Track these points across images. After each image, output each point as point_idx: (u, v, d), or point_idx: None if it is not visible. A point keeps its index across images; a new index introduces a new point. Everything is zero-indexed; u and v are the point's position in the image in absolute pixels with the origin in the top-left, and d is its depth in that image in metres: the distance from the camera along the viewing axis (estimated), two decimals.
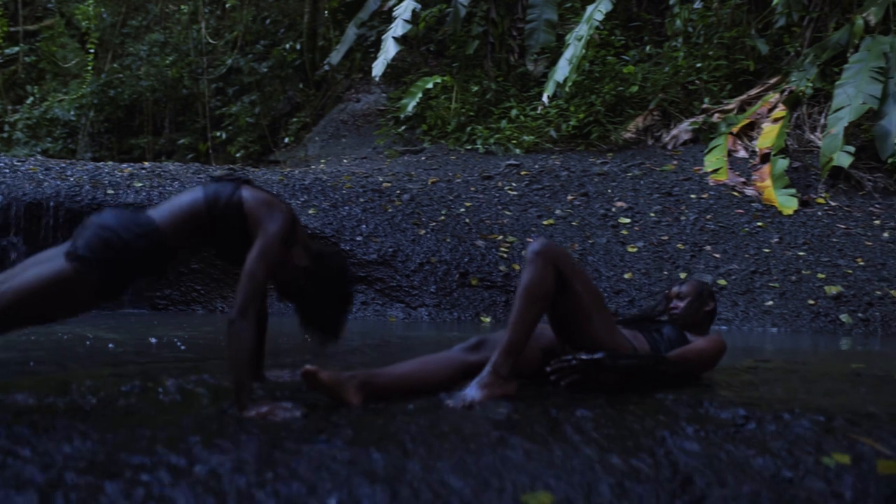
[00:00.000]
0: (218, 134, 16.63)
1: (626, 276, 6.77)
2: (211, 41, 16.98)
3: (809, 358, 4.34)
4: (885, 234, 7.24)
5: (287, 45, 15.93)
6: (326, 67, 15.06)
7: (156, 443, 2.35)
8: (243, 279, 2.74)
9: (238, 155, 15.92)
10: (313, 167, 11.02)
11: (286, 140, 15.55)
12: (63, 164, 8.11)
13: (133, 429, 2.47)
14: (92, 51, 18.65)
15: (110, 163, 9.14)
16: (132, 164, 8.93)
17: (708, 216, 7.72)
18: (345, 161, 11.47)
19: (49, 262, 2.58)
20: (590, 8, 10.15)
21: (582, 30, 9.91)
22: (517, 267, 6.81)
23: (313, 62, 15.69)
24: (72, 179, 6.98)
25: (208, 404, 2.81)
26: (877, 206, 7.91)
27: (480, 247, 6.96)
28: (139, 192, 7.01)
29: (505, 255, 6.90)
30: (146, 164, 9.10)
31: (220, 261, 3.03)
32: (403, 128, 11.80)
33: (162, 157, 17.57)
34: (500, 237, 7.17)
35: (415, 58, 12.93)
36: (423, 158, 10.76)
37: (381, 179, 8.77)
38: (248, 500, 2.15)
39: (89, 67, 18.57)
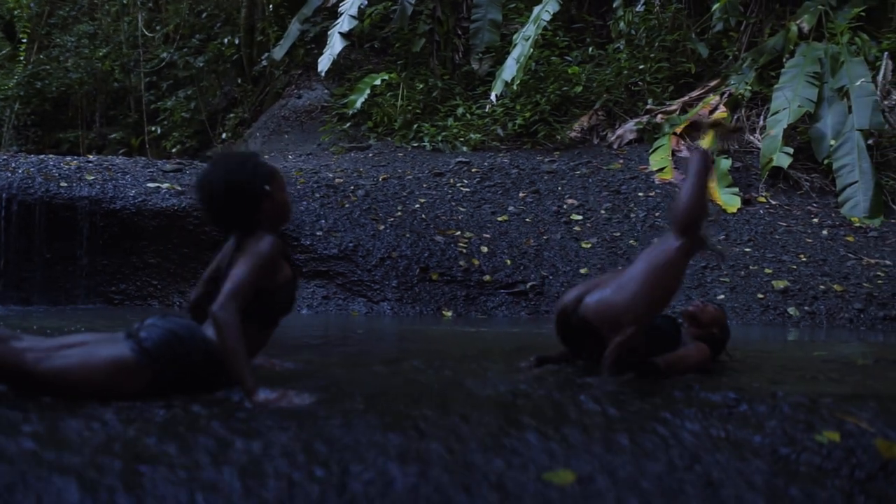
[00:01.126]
0: (153, 129, 16.29)
1: (582, 271, 6.93)
2: (147, 33, 16.61)
3: (773, 347, 4.55)
4: (824, 232, 7.59)
5: (225, 40, 15.70)
6: (265, 63, 14.91)
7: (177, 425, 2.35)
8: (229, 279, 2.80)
9: (174, 150, 15.64)
10: None
11: (223, 136, 15.33)
12: (5, 157, 7.88)
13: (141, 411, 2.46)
14: (24, 40, 18.03)
15: (52, 155, 8.89)
16: (76, 157, 8.71)
17: (657, 213, 7.96)
18: (290, 157, 11.39)
19: (110, 343, 2.67)
20: (536, 8, 10.33)
21: (529, 30, 10.08)
22: (476, 262, 6.91)
23: (251, 57, 15.50)
24: (20, 172, 6.79)
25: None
26: (814, 204, 8.28)
27: (439, 242, 7.03)
28: (92, 185, 6.86)
29: (464, 251, 6.99)
30: (91, 157, 8.88)
31: None
32: (349, 124, 11.78)
33: (92, 151, 17.10)
34: (458, 233, 7.25)
35: (358, 55, 12.91)
36: (371, 155, 10.77)
37: (331, 175, 8.76)
38: (287, 480, 2.18)
39: (20, 58, 17.96)
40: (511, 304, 6.65)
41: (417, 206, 7.85)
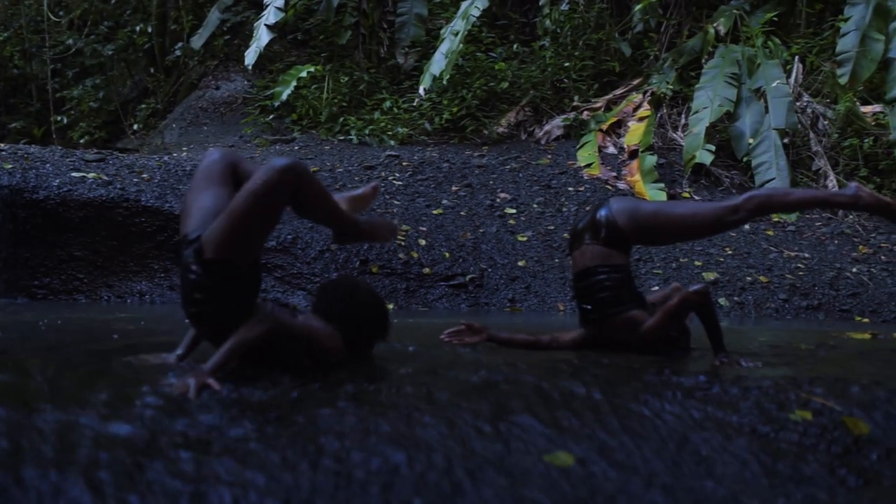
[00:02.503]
0: (58, 118, 15.61)
1: (520, 263, 7.02)
2: (54, 17, 15.91)
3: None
4: (746, 227, 7.89)
5: (136, 28, 15.19)
6: (179, 52, 14.50)
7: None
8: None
9: (82, 141, 15.03)
10: (176, 155, 10.60)
11: (135, 127, 14.84)
12: None
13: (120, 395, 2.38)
14: None
15: None
16: None
17: (587, 208, 8.11)
18: (211, 149, 11.09)
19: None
20: (464, 4, 10.37)
21: (458, 25, 10.11)
22: (415, 255, 6.90)
23: (163, 46, 15.04)
24: None
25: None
26: None
27: None
28: (12, 173, 6.54)
29: (402, 243, 6.97)
30: (2, 144, 8.46)
31: None
32: (272, 117, 11.57)
33: None
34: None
35: (280, 46, 12.69)
36: (296, 148, 10.61)
37: None
38: (290, 469, 2.13)
39: None
40: (451, 297, 6.67)
41: None
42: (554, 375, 3.03)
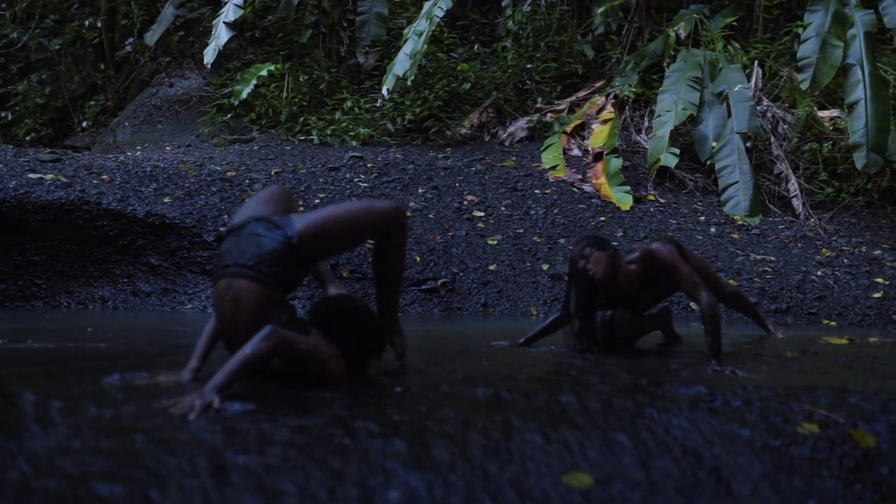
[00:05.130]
0: (2, 115, 15.10)
1: (492, 267, 6.96)
2: None
3: (701, 341, 4.69)
4: (713, 230, 7.96)
5: (85, 22, 14.75)
6: (129, 48, 14.14)
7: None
8: None
9: (27, 138, 14.56)
10: (131, 154, 10.32)
11: (84, 124, 14.42)
12: None
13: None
14: None
15: None
16: None
17: (555, 210, 8.10)
18: (167, 148, 10.84)
19: None
20: (427, 4, 10.27)
21: (421, 25, 10.01)
22: None
23: (113, 42, 14.65)
24: None
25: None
26: (699, 203, 8.67)
27: None
28: None
29: (372, 247, 6.84)
30: None
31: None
32: (230, 116, 11.33)
33: None
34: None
35: (238, 44, 12.44)
36: (256, 148, 10.41)
37: (220, 169, 8.40)
38: (312, 499, 2.04)
39: None
40: (423, 301, 6.58)
41: (318, 200, 7.65)
42: (555, 390, 2.97)
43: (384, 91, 9.99)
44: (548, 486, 2.29)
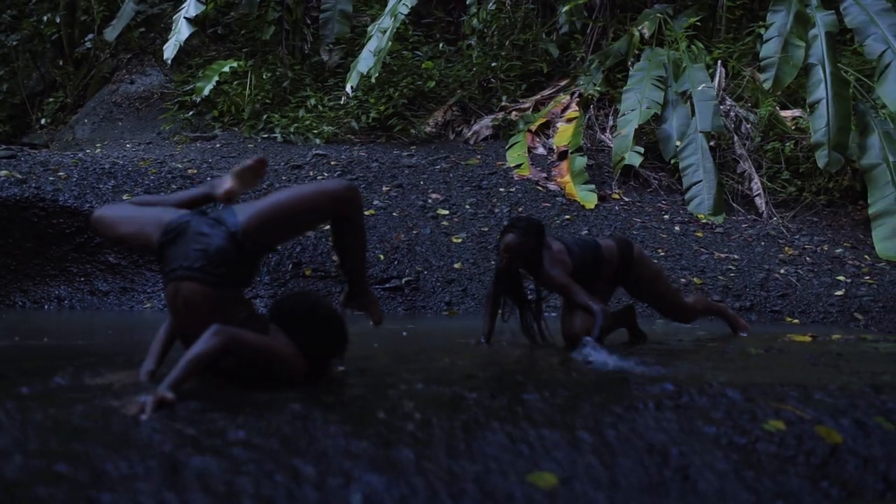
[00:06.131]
0: None
1: (456, 265, 6.91)
2: None
3: (666, 339, 4.68)
4: (677, 228, 7.99)
5: (44, 18, 14.44)
6: (89, 44, 13.87)
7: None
8: None
9: None
10: (90, 151, 10.11)
11: (43, 121, 14.12)
12: None
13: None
14: None
15: None
16: None
17: (520, 209, 8.07)
18: (128, 145, 10.65)
19: None
20: (392, 1, 10.20)
21: (386, 22, 9.94)
22: None
23: (72, 38, 14.36)
24: None
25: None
26: (663, 202, 8.70)
27: (310, 237, 6.78)
28: None
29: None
30: None
31: None
32: (191, 113, 11.16)
33: None
34: (328, 227, 7.01)
35: (200, 41, 12.26)
36: (218, 146, 10.26)
37: (180, 166, 8.25)
38: (268, 501, 1.96)
39: None
40: (387, 300, 6.52)
41: None
42: (519, 388, 2.92)
43: (348, 89, 9.91)
44: (512, 485, 2.24)
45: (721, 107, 9.44)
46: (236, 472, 2.04)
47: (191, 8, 10.27)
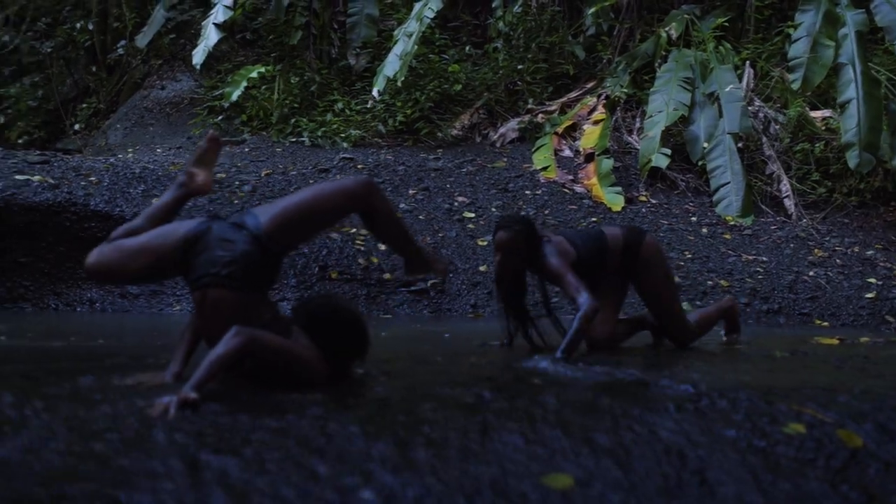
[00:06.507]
0: None
1: (482, 268, 6.93)
2: None
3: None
4: (704, 230, 7.94)
5: (77, 25, 14.70)
6: (121, 51, 14.09)
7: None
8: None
9: (20, 141, 14.51)
10: (122, 156, 10.27)
11: (76, 126, 14.37)
12: None
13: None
14: None
15: None
16: None
17: (546, 211, 8.07)
18: (158, 150, 10.80)
19: None
20: (418, 5, 10.25)
21: (412, 26, 9.99)
22: (375, 259, 6.77)
23: (105, 44, 14.60)
24: None
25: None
26: (691, 203, 8.65)
27: (336, 239, 6.83)
28: None
29: (361, 248, 6.82)
30: None
31: None
32: (221, 118, 11.29)
33: None
34: (353, 230, 7.07)
35: (229, 46, 12.40)
36: (246, 150, 10.37)
37: None
38: (286, 500, 2.00)
39: None
40: (413, 303, 6.55)
41: None
42: (538, 390, 2.94)
43: (375, 92, 9.97)
44: (527, 487, 2.25)
45: (749, 108, 9.36)
46: (255, 472, 2.08)
47: (219, 14, 10.40)
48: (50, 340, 4.30)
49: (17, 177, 6.49)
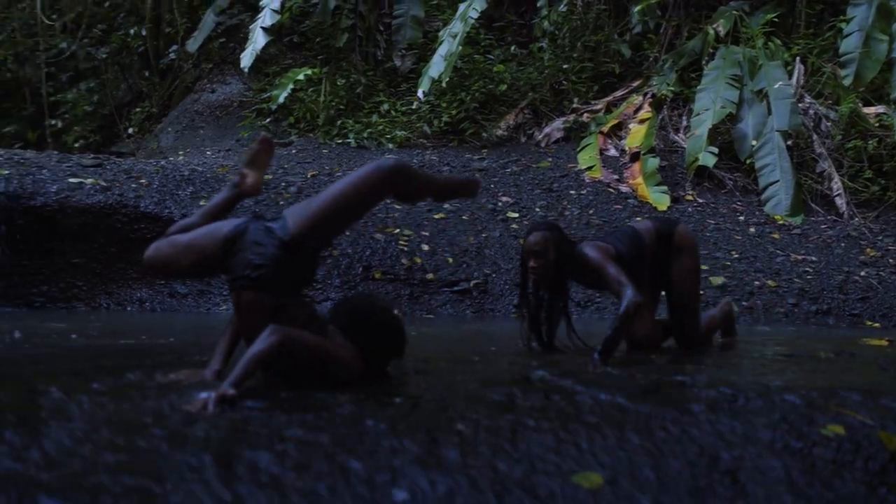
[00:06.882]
0: (53, 122, 15.48)
1: None
2: (47, 21, 15.78)
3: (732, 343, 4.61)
4: (752, 230, 7.82)
5: (130, 31, 15.05)
6: (173, 55, 14.37)
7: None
8: None
9: (76, 145, 14.90)
10: (172, 159, 10.49)
11: (130, 130, 14.71)
12: None
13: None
14: None
15: None
16: None
17: (591, 211, 8.03)
18: (208, 153, 11.00)
19: None
20: (462, 6, 10.29)
21: (456, 27, 10.03)
22: (418, 260, 6.81)
23: (157, 49, 14.92)
24: None
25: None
26: (738, 203, 8.53)
27: (380, 240, 6.89)
28: (9, 179, 6.43)
29: (405, 249, 6.87)
30: None
31: None
32: (269, 120, 11.46)
33: None
34: (397, 230, 7.12)
35: (277, 49, 12.58)
36: (294, 151, 10.51)
37: None
38: (317, 496, 2.04)
39: None
40: (456, 303, 6.58)
41: None
42: (572, 390, 2.94)
43: (420, 93, 10.03)
44: (556, 485, 2.26)
45: (799, 104, 9.20)
46: (287, 467, 2.12)
47: (267, 17, 10.56)
48: (115, 338, 4.42)
49: (71, 180, 6.67)
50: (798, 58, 9.82)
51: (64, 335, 4.48)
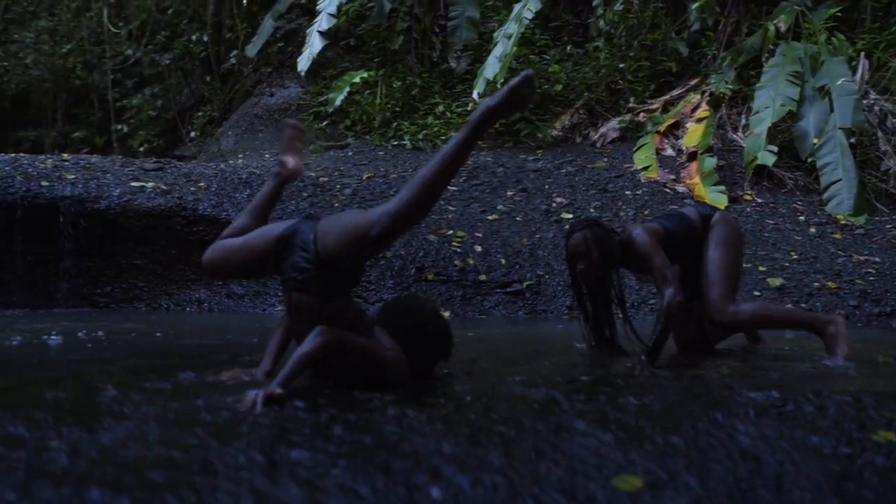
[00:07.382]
0: (119, 127, 15.95)
1: None
2: (114, 29, 16.25)
3: (788, 344, 4.53)
4: (812, 230, 7.65)
5: (192, 37, 15.42)
6: (234, 60, 14.67)
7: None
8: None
9: (141, 149, 15.33)
10: (232, 162, 10.71)
11: (192, 134, 15.07)
12: None
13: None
14: None
15: (23, 154, 8.63)
16: (50, 155, 8.46)
17: (646, 212, 7.95)
18: (266, 156, 11.19)
19: None
20: (517, 6, 10.28)
21: (511, 28, 10.03)
22: (471, 261, 6.83)
23: (219, 55, 15.25)
24: None
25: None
26: (799, 202, 8.35)
27: (433, 241, 6.94)
28: (74, 184, 6.65)
29: (458, 250, 6.90)
30: (66, 155, 8.63)
31: None
32: (326, 123, 11.62)
33: (55, 150, 16.68)
34: (450, 232, 7.16)
35: (333, 52, 12.75)
36: (350, 154, 10.64)
37: (314, 174, 8.61)
38: (351, 494, 2.08)
39: None
40: (508, 304, 6.58)
41: None
42: (616, 392, 2.93)
43: (475, 95, 10.04)
44: (595, 488, 2.26)
45: (864, 101, 8.95)
46: (329, 466, 2.17)
47: (323, 22, 10.71)
48: (189, 338, 4.55)
49: (133, 183, 6.88)
50: (863, 53, 9.56)
51: (147, 334, 4.63)
